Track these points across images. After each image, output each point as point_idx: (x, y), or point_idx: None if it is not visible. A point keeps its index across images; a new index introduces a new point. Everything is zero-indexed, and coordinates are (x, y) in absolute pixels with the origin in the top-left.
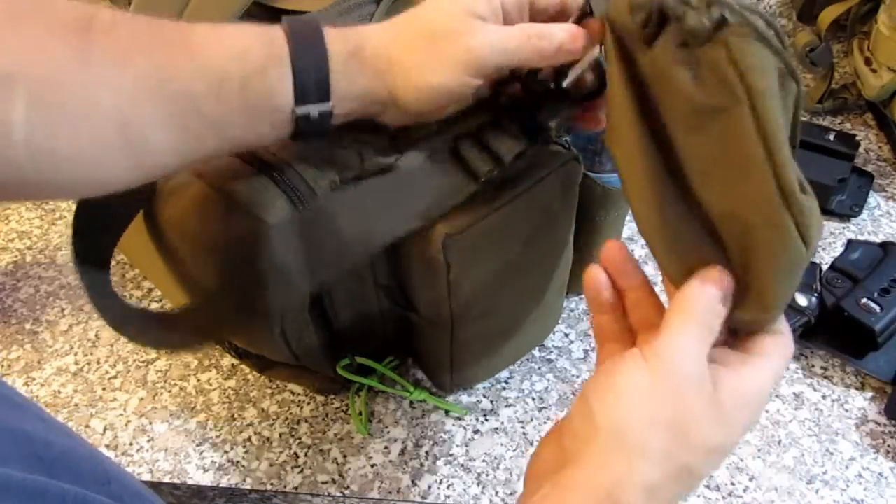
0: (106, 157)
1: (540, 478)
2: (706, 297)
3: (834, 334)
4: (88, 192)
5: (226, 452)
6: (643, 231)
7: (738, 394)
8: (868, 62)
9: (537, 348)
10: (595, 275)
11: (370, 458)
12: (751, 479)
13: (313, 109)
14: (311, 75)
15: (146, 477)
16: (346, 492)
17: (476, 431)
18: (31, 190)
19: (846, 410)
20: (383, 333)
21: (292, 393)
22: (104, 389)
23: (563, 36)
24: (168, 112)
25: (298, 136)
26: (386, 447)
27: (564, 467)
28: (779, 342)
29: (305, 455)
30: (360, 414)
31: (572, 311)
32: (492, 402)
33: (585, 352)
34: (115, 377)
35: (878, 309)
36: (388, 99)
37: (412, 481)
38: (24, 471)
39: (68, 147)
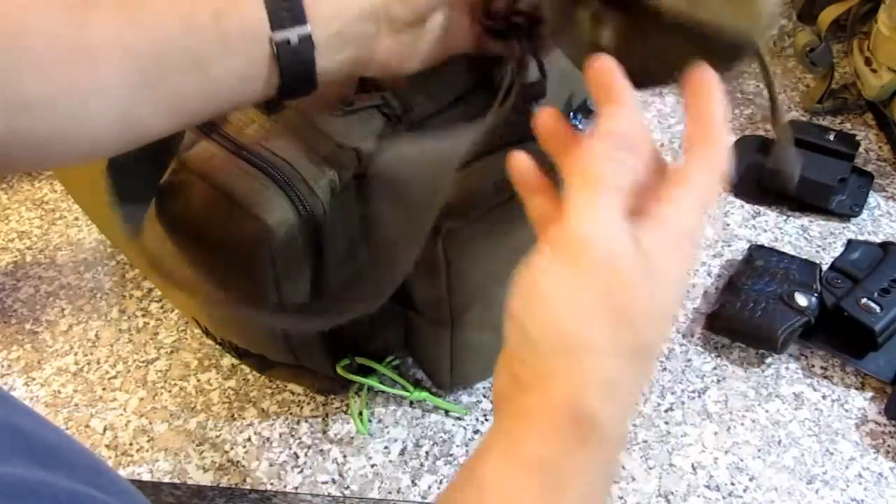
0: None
1: (503, 410)
2: (600, 155)
3: (834, 334)
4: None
5: (226, 452)
6: None
7: (663, 240)
8: (868, 62)
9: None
10: (516, 155)
11: (370, 458)
12: (751, 479)
13: (292, 34)
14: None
15: (146, 477)
16: (346, 492)
17: (476, 431)
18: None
19: (846, 410)
20: (383, 333)
21: (292, 393)
22: (104, 389)
23: None
24: (141, 63)
25: (284, 87)
26: (386, 447)
27: (520, 395)
28: (700, 158)
29: (305, 455)
30: (360, 414)
31: None
32: (492, 402)
33: None
34: (115, 377)
35: (878, 309)
36: (378, 10)
37: (412, 481)
38: (22, 465)
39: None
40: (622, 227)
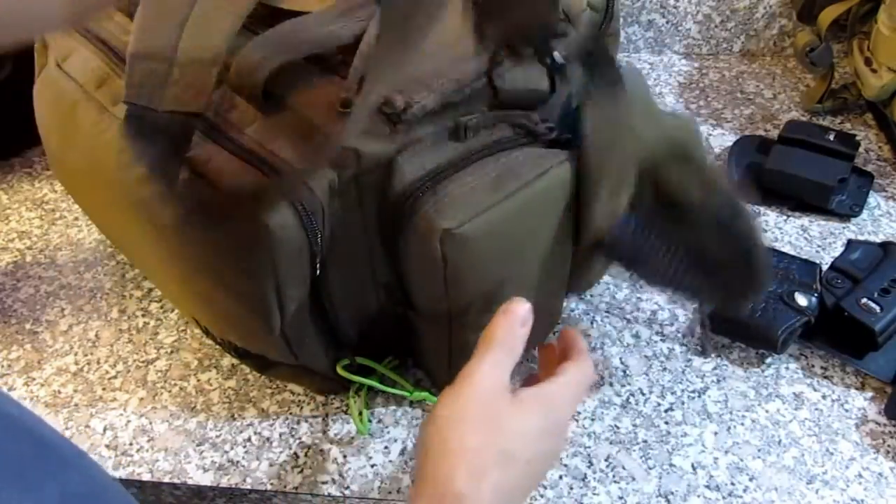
0: None
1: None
2: (503, 325)
3: (834, 334)
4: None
5: (226, 452)
6: None
7: (538, 396)
8: (868, 62)
9: (537, 348)
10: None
11: (370, 458)
12: (751, 479)
13: None
14: None
15: (146, 477)
16: (346, 492)
17: None
18: None
19: (846, 410)
20: (383, 333)
21: (292, 393)
22: (104, 389)
23: None
24: None
25: None
26: (386, 447)
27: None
28: (577, 364)
29: (305, 455)
30: (360, 414)
31: (573, 310)
32: None
33: None
34: (115, 377)
35: (878, 309)
36: None
37: (412, 481)
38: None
39: None
40: (505, 380)
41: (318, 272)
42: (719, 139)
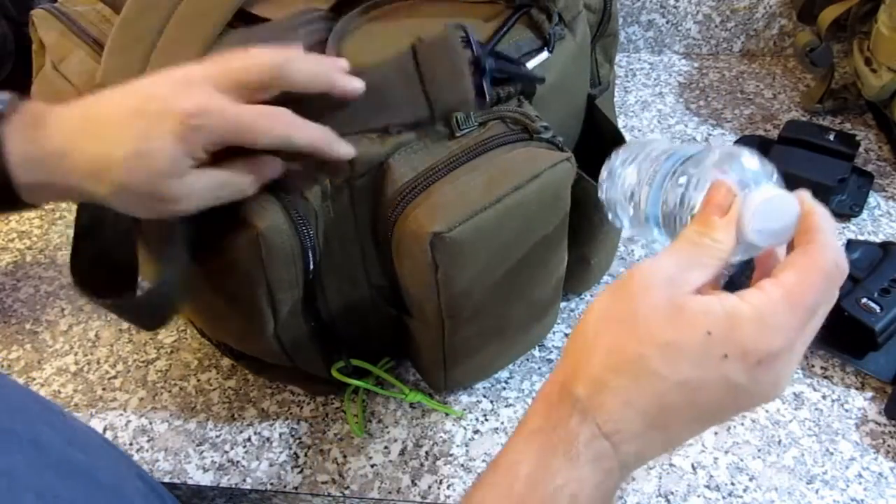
0: None
1: None
2: (696, 235)
3: (834, 334)
4: None
5: (226, 452)
6: None
7: (707, 311)
8: (868, 62)
9: (537, 348)
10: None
11: (370, 458)
12: (751, 479)
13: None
14: None
15: None
16: (346, 492)
17: (476, 431)
18: None
19: (846, 410)
20: (378, 334)
21: (292, 393)
22: (104, 389)
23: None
24: None
25: None
26: (386, 447)
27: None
28: (798, 270)
29: (305, 455)
30: (356, 416)
31: (572, 310)
32: (492, 402)
33: None
34: (115, 377)
35: (878, 309)
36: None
37: (412, 481)
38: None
39: None
40: (671, 279)
41: (311, 276)
42: (719, 139)
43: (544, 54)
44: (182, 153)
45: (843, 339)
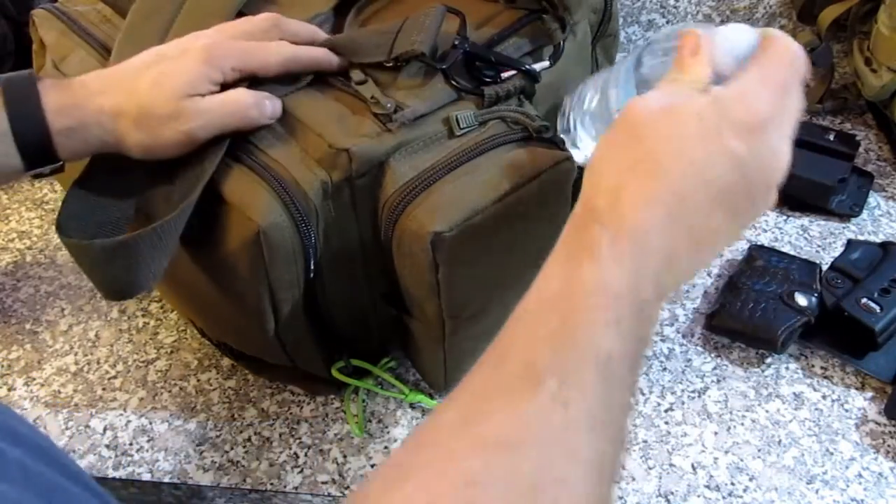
0: None
1: None
2: (675, 76)
3: (834, 334)
4: None
5: (226, 452)
6: None
7: (692, 100)
8: (868, 62)
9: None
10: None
11: (370, 458)
12: (751, 479)
13: (45, 169)
14: (31, 140)
15: (146, 477)
16: (346, 492)
17: None
18: None
19: (846, 410)
20: (378, 334)
21: (292, 393)
22: (104, 389)
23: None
24: None
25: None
26: (386, 447)
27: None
28: (759, 61)
29: (305, 455)
30: (356, 416)
31: None
32: None
33: None
34: (115, 377)
35: (878, 309)
36: (119, 145)
37: None
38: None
39: None
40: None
41: (311, 275)
42: None
43: (545, 63)
44: (202, 73)
45: (843, 339)
